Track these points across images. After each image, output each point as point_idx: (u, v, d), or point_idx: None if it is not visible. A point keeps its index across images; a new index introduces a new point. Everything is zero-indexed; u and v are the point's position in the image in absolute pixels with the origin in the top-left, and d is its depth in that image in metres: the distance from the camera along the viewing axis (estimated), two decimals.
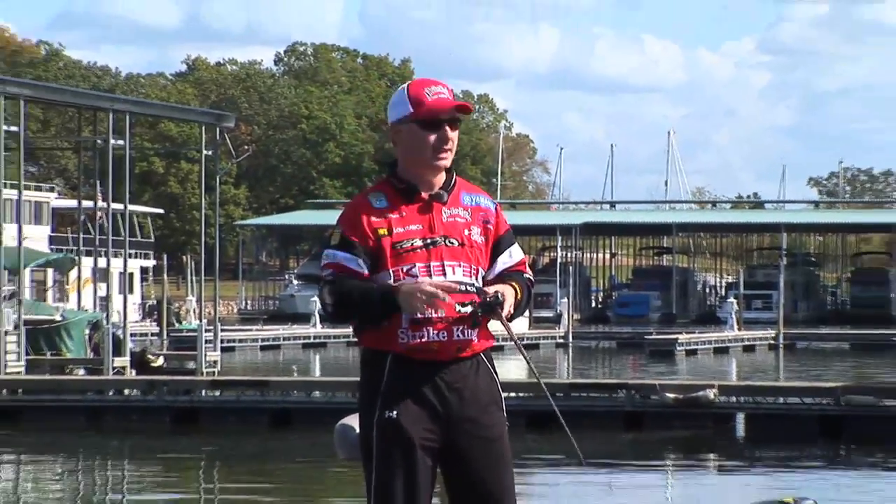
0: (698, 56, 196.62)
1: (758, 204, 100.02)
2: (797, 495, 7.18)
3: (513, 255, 7.56)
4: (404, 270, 7.20)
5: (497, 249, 7.53)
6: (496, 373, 7.52)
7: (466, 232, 7.47)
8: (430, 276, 7.22)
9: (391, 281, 7.23)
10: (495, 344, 7.49)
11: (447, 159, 7.48)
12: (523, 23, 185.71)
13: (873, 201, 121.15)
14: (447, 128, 7.49)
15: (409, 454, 7.52)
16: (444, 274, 7.25)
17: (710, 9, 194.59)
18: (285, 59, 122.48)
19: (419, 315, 7.23)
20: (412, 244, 7.38)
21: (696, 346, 60.47)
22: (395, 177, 7.60)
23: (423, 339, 7.44)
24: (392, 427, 7.47)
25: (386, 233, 7.31)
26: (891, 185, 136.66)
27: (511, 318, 7.38)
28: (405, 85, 7.64)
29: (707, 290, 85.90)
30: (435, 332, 7.38)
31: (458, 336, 7.38)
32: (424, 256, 7.31)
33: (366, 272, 7.24)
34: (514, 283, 7.36)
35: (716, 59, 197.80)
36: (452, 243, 7.44)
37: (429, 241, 7.42)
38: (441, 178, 7.50)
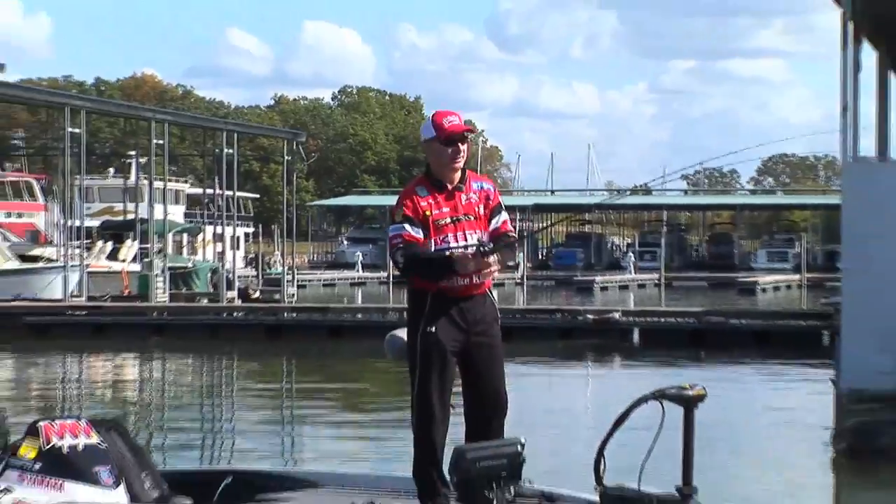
0: (608, 95, 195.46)
1: (647, 191, 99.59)
2: (690, 383, 7.13)
3: (500, 219, 7.72)
4: (441, 238, 7.33)
5: (492, 215, 7.69)
6: (495, 301, 7.66)
7: (476, 209, 7.65)
8: (457, 241, 7.42)
9: (433, 247, 7.39)
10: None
11: (460, 164, 7.69)
12: (495, 73, 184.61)
13: (723, 190, 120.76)
14: (459, 144, 7.63)
15: (443, 356, 7.57)
16: (466, 239, 7.40)
17: (616, 64, 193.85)
18: (339, 96, 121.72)
19: (469, 273, 7.39)
20: (446, 221, 7.55)
21: (607, 284, 60.35)
22: (429, 175, 7.73)
23: (455, 283, 7.55)
24: (433, 337, 7.53)
25: (429, 213, 7.49)
26: (735, 179, 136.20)
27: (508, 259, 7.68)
28: (432, 115, 7.89)
29: (614, 248, 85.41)
30: (462, 279, 7.51)
31: (475, 281, 7.50)
32: (453, 228, 7.50)
33: (423, 237, 7.38)
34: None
35: (620, 97, 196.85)
36: (469, 218, 7.61)
37: (455, 218, 7.59)
38: (458, 175, 7.61)
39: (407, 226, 7.53)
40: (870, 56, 18.99)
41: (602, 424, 7.45)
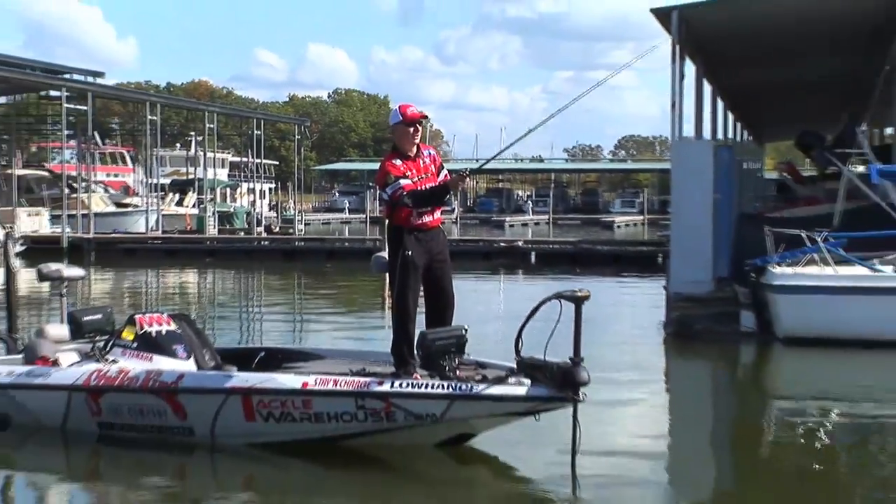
0: (515, 94, 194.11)
1: (540, 160, 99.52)
2: (579, 288, 7.11)
3: (444, 173, 7.84)
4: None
5: (439, 172, 7.77)
6: (445, 234, 7.80)
7: (430, 169, 7.68)
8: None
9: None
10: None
11: (417, 139, 7.66)
12: (438, 80, 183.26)
13: (592, 159, 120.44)
14: (417, 125, 7.61)
15: (416, 270, 7.60)
16: None
17: (520, 73, 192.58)
18: (333, 95, 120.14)
19: (456, 187, 7.69)
20: (416, 179, 7.58)
21: (514, 222, 60.31)
22: (396, 150, 7.73)
23: (421, 220, 7.52)
24: (409, 258, 7.60)
25: (407, 174, 7.58)
26: (601, 152, 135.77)
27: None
28: (398, 106, 7.88)
29: (518, 198, 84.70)
30: (426, 216, 7.50)
31: (436, 216, 7.53)
32: (420, 183, 7.63)
33: (413, 184, 7.57)
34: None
35: (522, 96, 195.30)
36: (428, 175, 7.61)
37: (419, 177, 7.59)
38: (416, 147, 7.59)
39: (402, 180, 7.59)
40: (690, 69, 19.02)
41: (516, 317, 7.49)
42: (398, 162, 7.70)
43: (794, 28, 18.39)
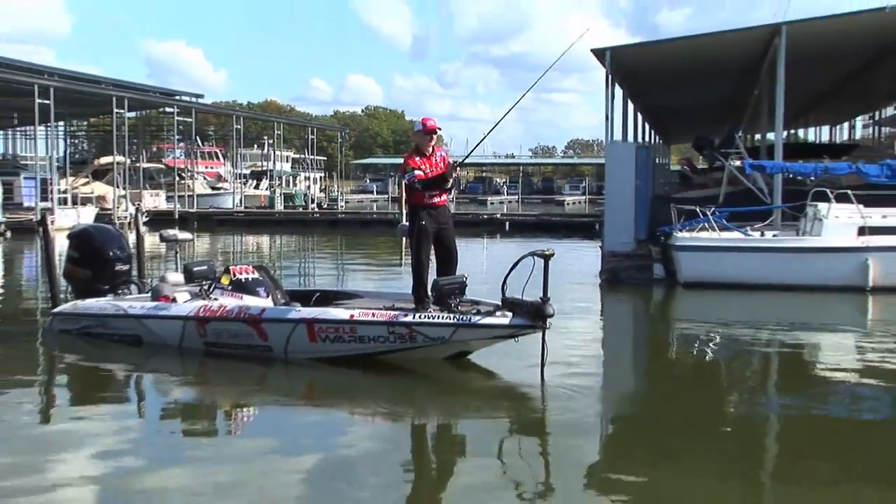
0: (495, 109, 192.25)
1: (512, 157, 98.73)
2: (547, 248, 7.07)
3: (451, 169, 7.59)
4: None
5: (447, 169, 7.52)
6: (451, 209, 7.65)
7: (440, 165, 7.51)
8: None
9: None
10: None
11: (433, 144, 7.48)
12: (439, 100, 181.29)
13: (549, 156, 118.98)
14: (433, 135, 7.47)
15: (428, 235, 7.52)
16: None
17: (499, 95, 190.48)
18: (364, 110, 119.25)
19: (451, 178, 7.43)
20: (427, 171, 7.43)
21: (493, 201, 59.57)
22: (417, 149, 7.57)
23: (433, 200, 7.41)
24: (423, 226, 7.51)
25: (423, 167, 7.40)
26: (555, 151, 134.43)
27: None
28: (421, 118, 7.70)
29: (497, 184, 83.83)
30: (437, 197, 7.39)
31: (443, 198, 7.41)
32: (430, 174, 7.47)
33: (425, 174, 7.28)
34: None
35: (500, 111, 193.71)
36: (437, 170, 7.47)
37: (431, 170, 7.48)
38: (431, 148, 7.47)
39: (416, 171, 7.45)
40: (619, 91, 18.86)
41: (498, 269, 7.47)
42: (417, 158, 7.63)
43: (692, 65, 18.36)
